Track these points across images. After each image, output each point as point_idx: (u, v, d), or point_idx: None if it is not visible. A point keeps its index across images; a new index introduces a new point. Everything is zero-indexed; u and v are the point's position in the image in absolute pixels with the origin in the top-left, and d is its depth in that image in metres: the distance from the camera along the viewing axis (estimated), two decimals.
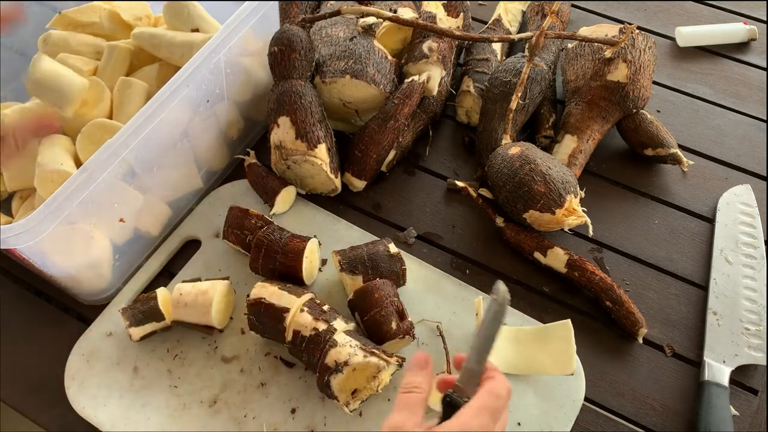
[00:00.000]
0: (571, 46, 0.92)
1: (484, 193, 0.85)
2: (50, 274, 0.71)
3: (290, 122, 0.78)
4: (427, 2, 0.93)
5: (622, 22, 1.07)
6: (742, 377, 0.72)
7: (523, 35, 0.84)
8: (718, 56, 1.03)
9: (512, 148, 0.80)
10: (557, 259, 0.78)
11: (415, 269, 0.78)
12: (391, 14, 0.84)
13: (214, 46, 0.73)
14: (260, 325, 0.70)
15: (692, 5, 1.10)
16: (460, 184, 0.85)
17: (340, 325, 0.68)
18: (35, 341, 0.76)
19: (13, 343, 0.76)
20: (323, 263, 0.79)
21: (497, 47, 0.95)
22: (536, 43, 0.82)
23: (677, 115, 0.96)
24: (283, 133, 0.79)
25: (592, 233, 0.79)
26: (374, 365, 0.64)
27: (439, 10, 0.92)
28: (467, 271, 0.81)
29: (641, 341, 0.75)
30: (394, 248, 0.75)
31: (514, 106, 0.82)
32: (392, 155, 0.86)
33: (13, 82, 0.91)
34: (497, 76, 0.87)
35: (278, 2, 0.84)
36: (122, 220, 0.74)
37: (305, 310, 0.68)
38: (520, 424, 0.68)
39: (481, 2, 1.11)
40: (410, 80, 0.83)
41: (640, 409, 0.71)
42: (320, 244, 0.79)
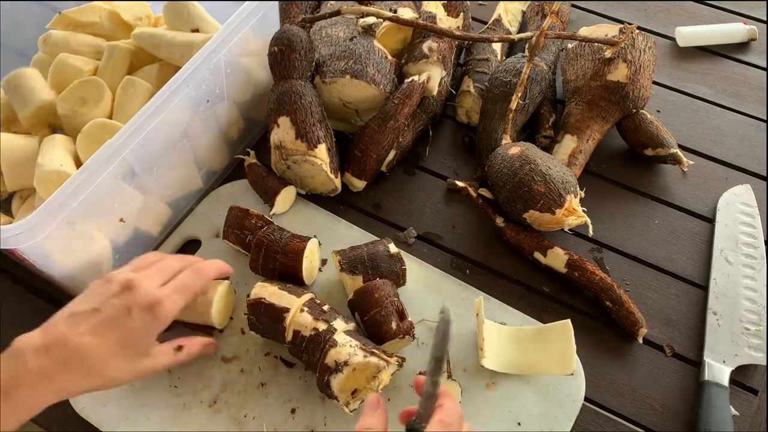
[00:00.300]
0: (571, 46, 0.92)
1: (484, 193, 0.85)
2: (50, 274, 0.71)
3: (290, 122, 0.78)
4: (427, 2, 0.93)
5: (622, 22, 1.07)
6: (742, 377, 0.72)
7: (523, 35, 0.84)
8: (718, 56, 1.03)
9: (512, 148, 0.80)
10: (557, 259, 0.78)
11: (415, 269, 0.78)
12: (391, 14, 0.84)
13: (214, 46, 0.73)
14: (260, 325, 0.70)
15: (692, 5, 1.10)
16: (460, 184, 0.85)
17: (340, 325, 0.68)
18: None
19: None
20: (323, 263, 0.79)
21: (497, 47, 0.95)
22: (536, 43, 0.82)
23: (677, 115, 0.96)
24: (283, 133, 0.79)
25: (592, 233, 0.79)
26: (374, 365, 0.64)
27: (439, 10, 0.92)
28: (467, 271, 0.81)
29: (641, 341, 0.75)
30: (394, 248, 0.75)
31: (514, 106, 0.82)
32: (392, 155, 0.86)
33: None
34: (497, 76, 0.87)
35: (278, 2, 0.84)
36: (122, 220, 0.74)
37: (305, 310, 0.68)
38: (520, 424, 0.68)
39: (481, 2, 1.11)
40: (410, 80, 0.83)
41: (640, 409, 0.71)
42: (320, 244, 0.79)
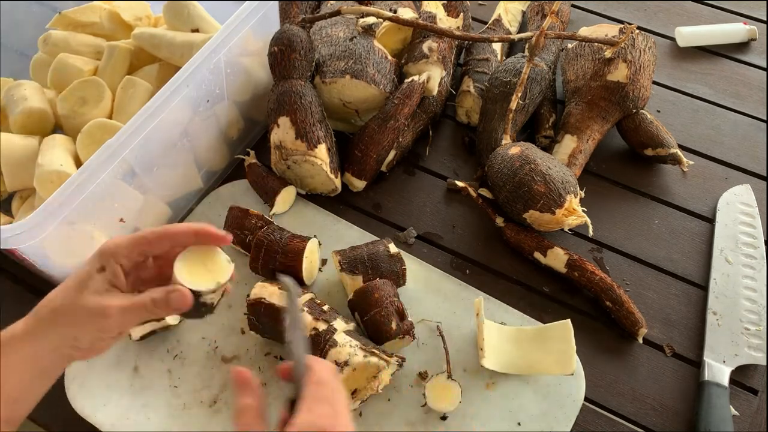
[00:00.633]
0: (571, 46, 0.92)
1: (484, 193, 0.85)
2: (50, 274, 0.71)
3: (290, 122, 0.78)
4: (427, 2, 0.93)
5: (622, 22, 1.07)
6: (742, 377, 0.72)
7: (523, 35, 0.84)
8: (718, 56, 1.03)
9: (512, 148, 0.80)
10: (557, 259, 0.78)
11: (415, 269, 0.78)
12: (391, 14, 0.84)
13: (214, 46, 0.73)
14: (260, 325, 0.70)
15: (692, 5, 1.10)
16: (460, 184, 0.85)
17: (340, 325, 0.68)
18: None
19: None
20: (323, 263, 0.79)
21: (497, 47, 0.95)
22: (536, 43, 0.82)
23: (677, 115, 0.96)
24: (283, 133, 0.79)
25: (592, 233, 0.79)
26: (374, 365, 0.64)
27: (439, 10, 0.92)
28: (467, 271, 0.81)
29: (641, 341, 0.75)
30: (394, 248, 0.75)
31: (514, 106, 0.82)
32: (392, 155, 0.86)
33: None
34: (497, 76, 0.87)
35: (278, 2, 0.84)
36: (122, 220, 0.74)
37: (305, 310, 0.68)
38: (520, 424, 0.68)
39: (481, 2, 1.11)
40: (410, 80, 0.83)
41: (640, 409, 0.71)
42: (320, 244, 0.79)
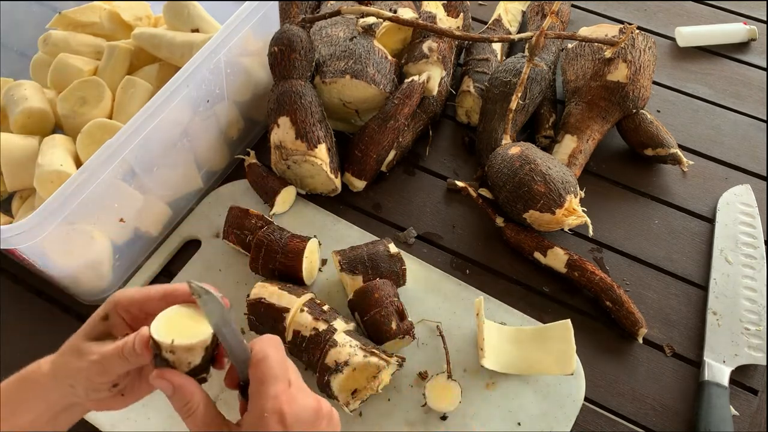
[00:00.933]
0: (571, 46, 0.92)
1: (484, 193, 0.85)
2: (50, 274, 0.71)
3: (290, 122, 0.78)
4: (427, 2, 0.93)
5: (622, 22, 1.07)
6: (742, 377, 0.72)
7: (523, 35, 0.84)
8: (718, 56, 1.03)
9: (512, 148, 0.80)
10: (557, 259, 0.78)
11: (415, 269, 0.78)
12: (391, 14, 0.84)
13: (214, 46, 0.73)
14: (260, 325, 0.70)
15: (692, 5, 1.10)
16: (460, 184, 0.85)
17: (340, 325, 0.68)
18: (35, 341, 0.76)
19: (12, 342, 0.76)
20: (323, 263, 0.79)
21: (497, 47, 0.95)
22: (536, 43, 0.82)
23: (677, 115, 0.96)
24: (283, 133, 0.79)
25: (592, 233, 0.79)
26: (374, 365, 0.64)
27: (439, 10, 0.92)
28: (467, 271, 0.81)
29: (641, 341, 0.75)
30: (394, 248, 0.75)
31: (514, 106, 0.82)
32: (392, 155, 0.86)
33: None
34: (497, 76, 0.87)
35: (278, 2, 0.84)
36: (122, 220, 0.74)
37: (305, 310, 0.68)
38: (520, 424, 0.68)
39: (481, 2, 1.11)
40: (410, 80, 0.83)
41: (640, 409, 0.71)
42: (320, 244, 0.79)
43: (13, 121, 0.83)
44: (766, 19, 1.08)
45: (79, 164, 0.79)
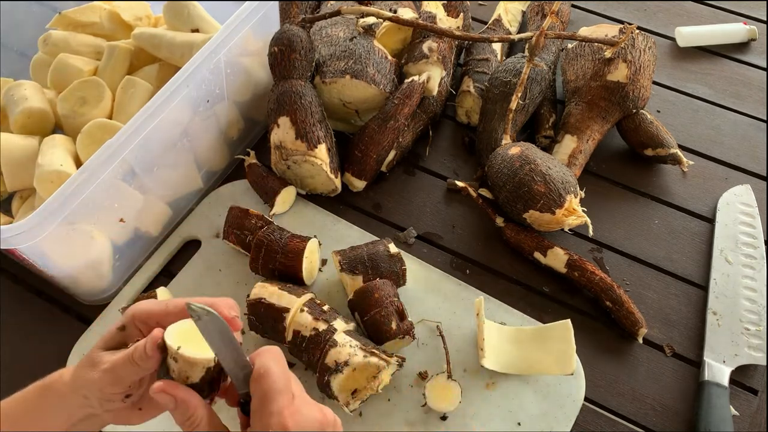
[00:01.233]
0: (571, 46, 0.92)
1: (484, 193, 0.85)
2: (50, 274, 0.71)
3: (290, 122, 0.78)
4: (427, 2, 0.93)
5: (622, 22, 1.07)
6: (742, 377, 0.72)
7: (523, 35, 0.84)
8: (718, 56, 1.03)
9: (512, 148, 0.80)
10: (557, 259, 0.78)
11: (415, 269, 0.78)
12: (391, 14, 0.84)
13: (214, 46, 0.73)
14: (260, 325, 0.70)
15: (692, 5, 1.10)
16: (460, 184, 0.85)
17: (340, 325, 0.68)
18: (35, 341, 0.76)
19: (13, 342, 0.76)
20: (323, 263, 0.79)
21: (497, 47, 0.95)
22: (536, 43, 0.82)
23: (677, 115, 0.96)
24: (283, 133, 0.79)
25: (592, 233, 0.79)
26: (374, 365, 0.64)
27: (439, 10, 0.92)
28: (467, 271, 0.81)
29: (641, 341, 0.75)
30: (394, 248, 0.75)
31: (514, 106, 0.82)
32: (392, 155, 0.86)
33: None
34: (497, 76, 0.87)
35: (278, 2, 0.84)
36: (122, 220, 0.74)
37: (305, 310, 0.68)
38: (520, 424, 0.68)
39: (481, 2, 1.11)
40: (410, 80, 0.83)
41: (640, 409, 0.71)
42: (320, 244, 0.79)
43: (13, 121, 0.83)
44: (766, 19, 1.08)
45: (79, 164, 0.79)
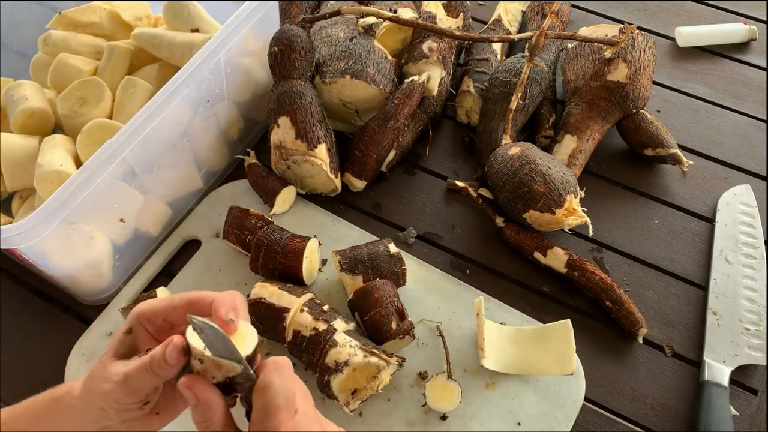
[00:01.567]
0: (571, 46, 0.92)
1: (484, 193, 0.85)
2: (50, 274, 0.71)
3: (290, 122, 0.78)
4: (427, 2, 0.93)
5: (622, 22, 1.07)
6: (742, 377, 0.72)
7: (523, 35, 0.84)
8: (718, 56, 1.03)
9: (512, 148, 0.80)
10: (557, 259, 0.78)
11: (415, 269, 0.78)
12: (391, 14, 0.84)
13: (214, 46, 0.73)
14: (260, 325, 0.70)
15: (692, 5, 1.10)
16: (460, 184, 0.85)
17: (340, 325, 0.68)
18: (35, 341, 0.76)
19: (13, 343, 0.76)
20: (323, 263, 0.79)
21: (497, 47, 0.95)
22: (536, 43, 0.82)
23: (677, 115, 0.96)
24: (283, 133, 0.79)
25: (592, 233, 0.79)
26: (374, 365, 0.64)
27: (439, 10, 0.92)
28: (467, 271, 0.81)
29: (641, 341, 0.75)
30: (394, 248, 0.75)
31: (514, 106, 0.82)
32: (392, 155, 0.86)
33: None
34: (497, 76, 0.87)
35: (278, 2, 0.84)
36: (122, 220, 0.74)
37: (305, 310, 0.68)
38: (520, 424, 0.68)
39: (481, 2, 1.11)
40: (410, 80, 0.83)
41: (640, 409, 0.71)
42: (320, 244, 0.79)
43: (13, 121, 0.83)
44: (766, 19, 1.08)
45: (79, 164, 0.79)
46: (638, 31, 0.85)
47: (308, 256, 0.74)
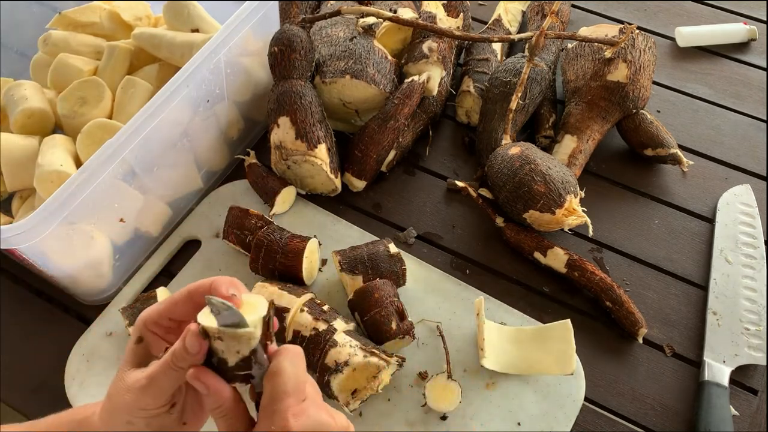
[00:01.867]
0: (571, 46, 0.92)
1: (484, 193, 0.85)
2: (50, 274, 0.71)
3: (290, 122, 0.78)
4: (427, 2, 0.93)
5: (622, 22, 1.07)
6: (742, 377, 0.72)
7: (523, 35, 0.84)
8: (718, 56, 1.03)
9: (512, 148, 0.80)
10: (557, 259, 0.78)
11: (415, 269, 0.78)
12: (391, 14, 0.84)
13: (214, 46, 0.73)
14: None
15: (692, 5, 1.10)
16: (460, 184, 0.85)
17: (340, 325, 0.68)
18: (35, 341, 0.76)
19: (13, 343, 0.76)
20: (323, 263, 0.79)
21: (497, 47, 0.95)
22: (536, 43, 0.82)
23: (677, 115, 0.96)
24: (283, 133, 0.79)
25: (592, 233, 0.79)
26: (374, 365, 0.64)
27: (439, 10, 0.92)
28: (467, 271, 0.81)
29: (641, 341, 0.75)
30: (394, 248, 0.75)
31: (514, 106, 0.82)
32: (392, 155, 0.86)
33: None
34: (497, 76, 0.87)
35: (278, 2, 0.84)
36: (122, 220, 0.74)
37: (305, 310, 0.68)
38: (520, 424, 0.68)
39: (481, 2, 1.11)
40: (410, 80, 0.83)
41: (640, 409, 0.71)
42: (320, 244, 0.79)
43: (13, 121, 0.83)
44: (766, 19, 1.08)
45: (79, 164, 0.79)
46: (638, 31, 0.85)
47: (308, 256, 0.74)
